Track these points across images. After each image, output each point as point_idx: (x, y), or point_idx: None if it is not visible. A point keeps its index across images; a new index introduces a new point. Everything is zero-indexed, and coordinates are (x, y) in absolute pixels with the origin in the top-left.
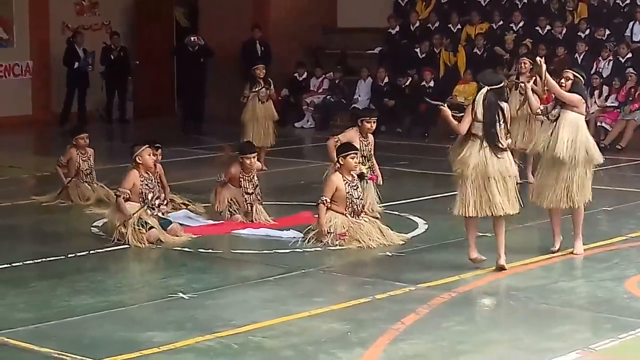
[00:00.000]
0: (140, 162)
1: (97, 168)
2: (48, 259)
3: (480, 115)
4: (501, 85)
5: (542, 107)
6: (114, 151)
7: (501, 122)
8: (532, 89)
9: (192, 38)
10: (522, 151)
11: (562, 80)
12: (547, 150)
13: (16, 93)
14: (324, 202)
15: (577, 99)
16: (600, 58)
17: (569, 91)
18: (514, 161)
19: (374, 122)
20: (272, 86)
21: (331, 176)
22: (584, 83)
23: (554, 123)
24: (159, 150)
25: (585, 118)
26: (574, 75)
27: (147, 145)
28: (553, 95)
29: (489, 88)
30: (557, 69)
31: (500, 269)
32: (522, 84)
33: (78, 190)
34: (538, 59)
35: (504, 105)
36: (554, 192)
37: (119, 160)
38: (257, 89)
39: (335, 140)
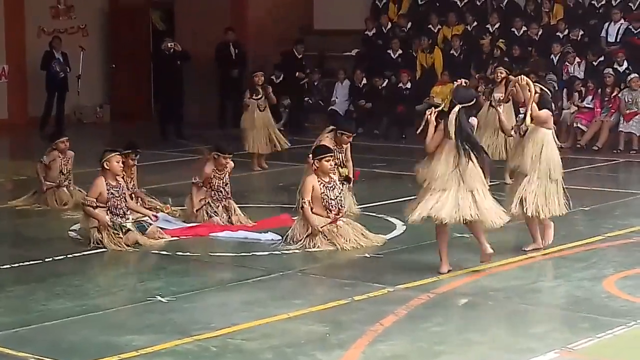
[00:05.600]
0: (108, 168)
1: (75, 171)
2: (26, 263)
3: (452, 134)
4: (473, 102)
5: (514, 126)
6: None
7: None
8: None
9: (168, 44)
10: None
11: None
12: (515, 165)
13: None
14: (306, 203)
15: (546, 116)
16: (567, 63)
17: (537, 105)
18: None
19: (351, 137)
20: (270, 90)
21: (307, 177)
22: (557, 85)
23: (522, 138)
24: (137, 156)
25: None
26: (541, 89)
27: (117, 152)
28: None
29: (460, 106)
30: (532, 71)
31: (489, 257)
32: (494, 102)
33: (56, 195)
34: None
35: (474, 121)
36: (521, 202)
37: (97, 163)
38: (256, 98)
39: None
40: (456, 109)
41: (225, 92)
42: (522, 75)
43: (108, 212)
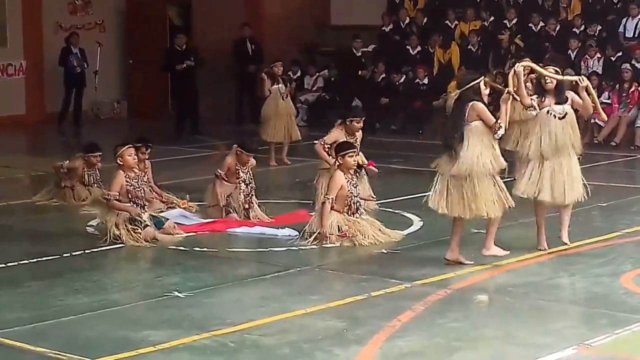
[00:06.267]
0: (122, 162)
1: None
2: (43, 258)
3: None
4: (473, 83)
5: (534, 100)
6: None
7: (461, 122)
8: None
9: (183, 65)
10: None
11: (546, 79)
12: (563, 146)
13: (10, 93)
14: (329, 200)
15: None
16: (587, 56)
17: (555, 89)
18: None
19: (362, 121)
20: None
21: (335, 175)
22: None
23: (563, 119)
24: (149, 150)
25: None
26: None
27: (128, 146)
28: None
29: (459, 91)
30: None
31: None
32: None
33: (73, 191)
34: (578, 78)
35: (472, 104)
36: (571, 188)
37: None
38: (277, 86)
39: (322, 143)
40: (453, 94)
41: (243, 88)
42: (584, 77)
43: (130, 204)
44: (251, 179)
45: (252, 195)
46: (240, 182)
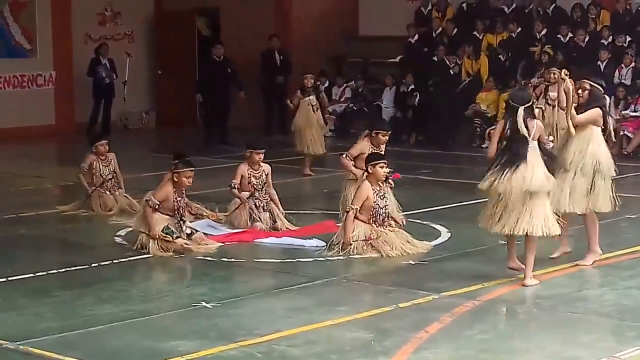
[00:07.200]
0: (176, 180)
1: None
2: (72, 268)
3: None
4: (532, 103)
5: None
6: (139, 160)
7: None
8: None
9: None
10: None
11: (580, 91)
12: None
13: (39, 103)
14: (354, 210)
15: (596, 115)
16: (622, 65)
17: (588, 102)
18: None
19: (388, 135)
20: (322, 93)
21: (362, 184)
22: (604, 91)
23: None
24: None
25: (607, 126)
26: (591, 85)
27: (190, 169)
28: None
29: (524, 107)
30: (577, 78)
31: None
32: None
33: (100, 200)
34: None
35: (536, 122)
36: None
37: (143, 169)
38: (308, 98)
39: (346, 156)
40: (520, 110)
41: (271, 99)
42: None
43: (174, 220)
44: (264, 183)
45: (265, 203)
46: (256, 190)
